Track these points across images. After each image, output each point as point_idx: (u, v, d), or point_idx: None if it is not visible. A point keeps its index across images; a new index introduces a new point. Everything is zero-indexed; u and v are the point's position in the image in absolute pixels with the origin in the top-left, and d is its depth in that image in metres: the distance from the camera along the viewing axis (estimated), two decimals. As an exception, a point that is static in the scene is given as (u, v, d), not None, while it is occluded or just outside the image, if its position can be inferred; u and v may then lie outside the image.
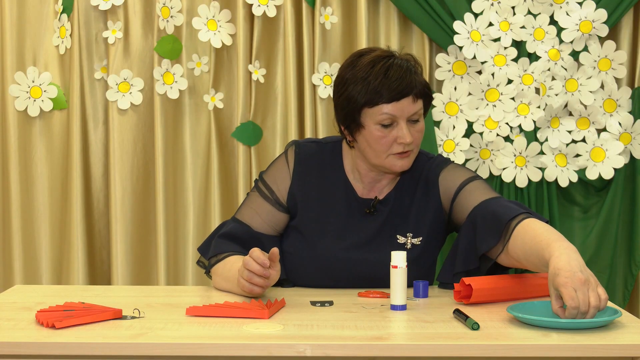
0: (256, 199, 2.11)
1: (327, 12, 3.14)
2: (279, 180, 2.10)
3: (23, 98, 3.18)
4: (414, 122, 1.99)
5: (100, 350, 1.50)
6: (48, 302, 1.81)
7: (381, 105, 1.95)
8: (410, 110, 1.97)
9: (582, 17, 3.06)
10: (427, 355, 1.50)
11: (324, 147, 2.13)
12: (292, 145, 2.13)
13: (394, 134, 1.97)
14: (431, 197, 2.07)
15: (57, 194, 3.25)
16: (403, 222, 2.07)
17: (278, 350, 1.49)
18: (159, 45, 3.12)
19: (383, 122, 1.96)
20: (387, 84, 1.94)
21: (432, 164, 2.11)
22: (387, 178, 2.09)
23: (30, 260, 3.24)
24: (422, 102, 2.01)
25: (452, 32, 3.07)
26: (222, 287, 2.01)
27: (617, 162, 3.08)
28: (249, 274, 1.80)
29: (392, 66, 1.97)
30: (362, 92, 1.95)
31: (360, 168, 2.08)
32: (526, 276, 1.94)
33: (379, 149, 1.99)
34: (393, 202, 2.08)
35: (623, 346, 1.50)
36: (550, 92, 3.07)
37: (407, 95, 1.95)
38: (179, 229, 3.22)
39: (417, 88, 1.98)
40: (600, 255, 3.17)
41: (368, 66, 1.97)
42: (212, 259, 2.06)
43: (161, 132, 3.15)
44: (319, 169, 2.10)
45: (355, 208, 2.07)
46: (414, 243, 2.06)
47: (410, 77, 1.96)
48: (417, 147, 2.04)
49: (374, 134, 1.97)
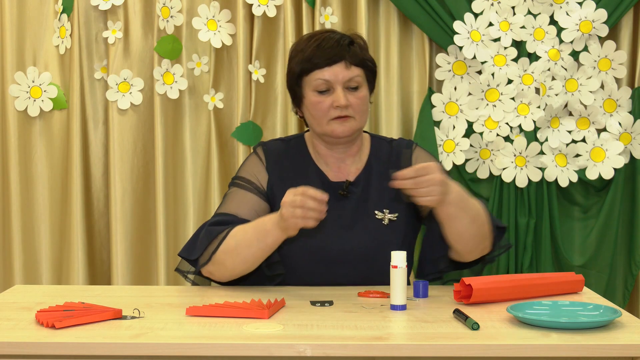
0: (237, 192, 2.13)
1: (327, 12, 3.14)
2: (256, 174, 2.16)
3: (23, 98, 3.18)
4: (353, 89, 2.07)
5: (100, 350, 1.50)
6: (48, 302, 1.81)
7: (315, 71, 2.05)
8: (345, 76, 2.05)
9: (582, 17, 3.06)
10: (427, 355, 1.50)
11: (289, 142, 2.21)
12: (259, 146, 2.21)
13: (331, 99, 2.05)
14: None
15: (57, 194, 3.25)
16: (378, 199, 2.13)
17: (278, 350, 1.49)
18: (159, 45, 3.12)
19: (319, 88, 2.05)
20: (319, 52, 2.05)
21: (401, 143, 2.21)
22: (350, 157, 2.16)
23: (30, 260, 3.24)
24: (360, 70, 2.08)
25: (452, 32, 3.07)
26: (240, 242, 1.95)
27: (617, 162, 3.08)
28: (303, 199, 1.80)
29: (327, 38, 2.07)
30: (298, 63, 2.07)
31: (320, 150, 2.16)
32: (526, 276, 1.94)
33: (318, 115, 2.07)
34: (364, 182, 2.14)
35: (623, 346, 1.50)
36: (550, 92, 3.07)
37: (340, 61, 2.04)
38: (179, 229, 3.22)
39: (352, 56, 2.06)
40: (600, 255, 3.17)
41: (306, 40, 2.10)
42: (213, 241, 2.02)
43: (161, 132, 3.16)
44: (289, 162, 2.17)
45: (330, 192, 2.11)
46: (390, 219, 2.10)
47: (343, 46, 2.06)
48: (360, 114, 2.09)
49: (312, 100, 2.07)
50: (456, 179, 3.20)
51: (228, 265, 1.99)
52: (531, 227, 3.13)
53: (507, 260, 3.15)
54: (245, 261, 1.97)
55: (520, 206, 3.14)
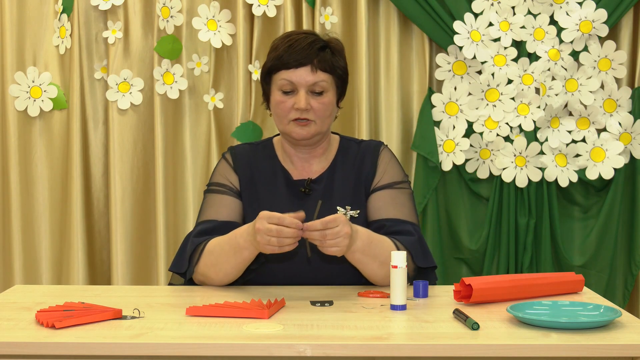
0: (214, 198, 2.16)
1: (327, 12, 3.14)
2: (228, 177, 2.18)
3: (23, 98, 3.18)
4: (317, 93, 2.08)
5: (100, 350, 1.49)
6: (48, 302, 1.81)
7: (282, 71, 2.07)
8: (309, 80, 2.06)
9: (582, 17, 3.06)
10: (427, 355, 1.50)
11: (257, 146, 2.24)
12: (227, 151, 2.23)
13: (293, 101, 2.07)
14: (369, 170, 2.15)
15: (57, 194, 3.25)
16: (341, 196, 2.14)
17: (278, 350, 1.49)
18: (159, 45, 3.12)
19: (283, 88, 2.07)
20: (288, 53, 2.06)
21: (369, 144, 2.21)
22: (314, 158, 2.17)
23: (30, 260, 3.24)
24: (327, 76, 2.08)
25: (452, 32, 3.07)
26: (218, 257, 1.98)
27: (617, 162, 3.08)
28: (279, 229, 1.80)
29: (300, 40, 2.08)
30: (269, 60, 2.10)
31: (287, 149, 2.18)
32: (526, 276, 1.94)
33: (279, 114, 2.09)
34: (326, 180, 2.16)
35: (623, 346, 1.50)
36: (550, 92, 3.07)
37: (307, 64, 2.06)
38: (179, 229, 3.22)
39: (320, 61, 2.07)
40: (600, 255, 3.17)
41: (282, 38, 2.11)
42: (197, 249, 2.05)
43: (161, 132, 3.15)
44: (256, 163, 2.19)
45: (293, 190, 2.15)
46: (352, 215, 2.12)
47: (313, 50, 2.07)
48: (322, 119, 2.10)
49: (276, 98, 2.09)
50: (456, 179, 3.21)
51: (214, 278, 2.04)
52: (531, 227, 3.13)
53: (507, 260, 3.15)
54: (228, 274, 2.00)
55: (520, 206, 3.14)
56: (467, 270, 3.24)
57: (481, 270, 3.20)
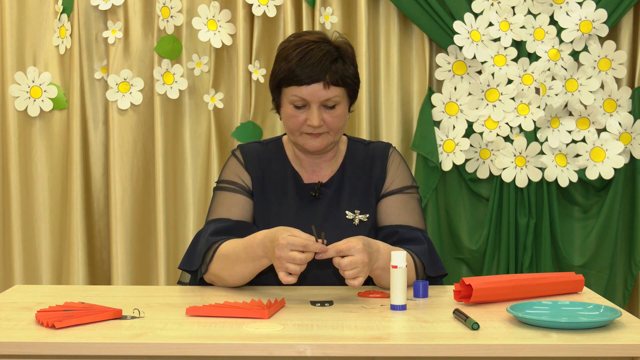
0: (225, 195, 2.13)
1: (327, 12, 3.14)
2: (240, 175, 2.15)
3: (23, 98, 3.18)
4: (329, 107, 2.05)
5: (100, 350, 1.49)
6: (48, 302, 1.81)
7: (293, 87, 2.02)
8: (322, 96, 2.02)
9: (582, 17, 3.06)
10: (427, 355, 1.50)
11: (266, 145, 2.21)
12: (237, 149, 2.20)
13: (305, 116, 2.05)
14: (379, 174, 2.14)
15: (57, 194, 3.25)
16: (350, 200, 2.13)
17: (278, 350, 1.49)
18: (159, 45, 3.12)
19: (295, 103, 2.04)
20: (300, 67, 2.01)
21: (378, 147, 2.19)
22: (325, 162, 2.16)
23: (30, 260, 3.24)
24: (339, 90, 2.05)
25: (452, 32, 3.07)
26: (235, 263, 1.95)
27: (617, 162, 3.08)
28: (305, 257, 1.79)
29: (312, 50, 2.03)
30: (281, 71, 2.04)
31: (296, 152, 2.16)
32: (526, 276, 1.94)
33: (291, 127, 2.07)
34: (336, 184, 2.14)
35: (623, 346, 1.50)
36: (550, 92, 3.07)
37: (318, 81, 2.01)
38: (179, 229, 3.22)
39: (332, 75, 2.03)
40: (600, 255, 3.17)
41: (293, 47, 2.04)
42: (211, 248, 2.03)
43: (161, 132, 3.16)
44: (266, 163, 2.17)
45: (303, 193, 2.13)
46: (361, 219, 2.11)
47: (325, 64, 2.02)
48: (335, 131, 2.08)
49: (287, 112, 2.06)
50: (456, 179, 3.20)
51: (228, 280, 2.01)
52: (531, 227, 3.13)
53: (507, 260, 3.15)
54: (244, 277, 1.98)
55: (520, 206, 3.14)
56: (467, 270, 3.24)
57: (481, 270, 3.20)
